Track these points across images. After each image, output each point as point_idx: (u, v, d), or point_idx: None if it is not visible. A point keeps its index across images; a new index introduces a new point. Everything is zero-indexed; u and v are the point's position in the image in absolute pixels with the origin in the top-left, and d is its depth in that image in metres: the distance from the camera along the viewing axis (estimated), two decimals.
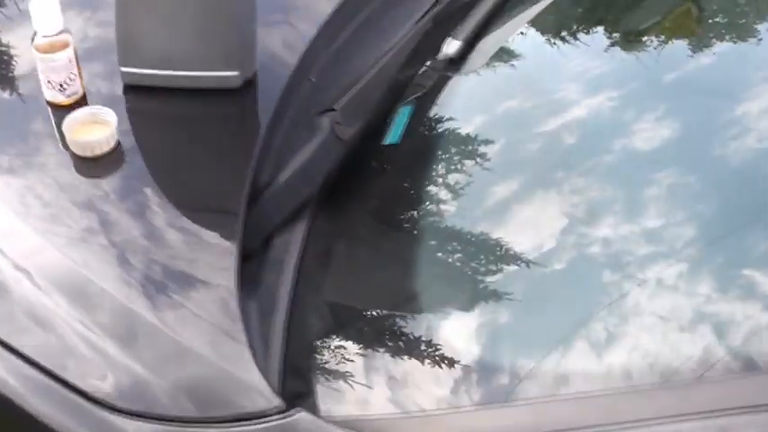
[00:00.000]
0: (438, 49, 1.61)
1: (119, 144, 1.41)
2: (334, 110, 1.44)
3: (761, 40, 1.53)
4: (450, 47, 1.60)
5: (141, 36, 1.45)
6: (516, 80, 1.55)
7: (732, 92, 1.41)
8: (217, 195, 1.37)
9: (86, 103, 1.48)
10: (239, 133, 1.48)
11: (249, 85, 1.50)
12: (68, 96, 1.46)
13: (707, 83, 1.47)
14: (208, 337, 1.16)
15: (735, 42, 1.58)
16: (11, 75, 1.57)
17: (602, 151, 1.37)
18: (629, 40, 1.59)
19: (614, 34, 1.62)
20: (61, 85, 1.44)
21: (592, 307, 1.17)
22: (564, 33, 1.64)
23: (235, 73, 1.47)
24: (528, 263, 1.23)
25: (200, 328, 1.17)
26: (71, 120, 1.40)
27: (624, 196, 1.30)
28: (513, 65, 1.60)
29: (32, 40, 1.44)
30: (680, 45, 1.58)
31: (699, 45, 1.58)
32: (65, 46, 1.43)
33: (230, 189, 1.34)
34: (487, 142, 1.44)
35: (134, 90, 1.50)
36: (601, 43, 1.60)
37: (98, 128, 1.40)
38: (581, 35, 1.64)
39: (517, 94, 1.52)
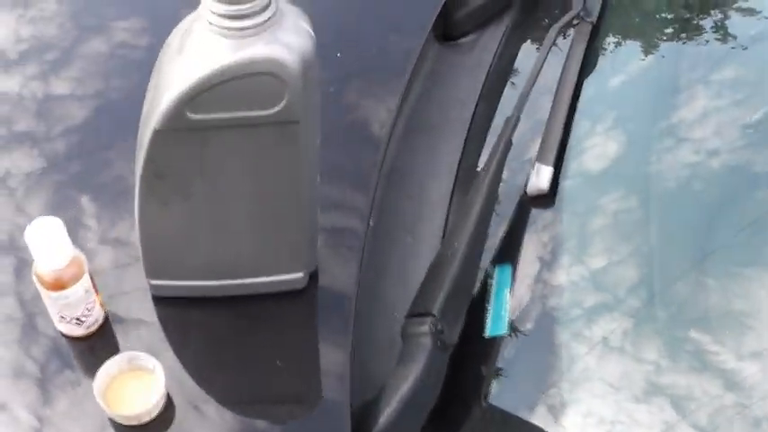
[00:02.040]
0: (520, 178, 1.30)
1: (168, 396, 1.09)
2: (432, 315, 1.14)
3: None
4: (541, 176, 1.28)
5: (178, 245, 1.11)
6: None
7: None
8: None
9: (108, 324, 1.14)
10: (316, 347, 1.18)
11: (310, 279, 1.18)
12: (87, 328, 1.13)
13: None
14: None
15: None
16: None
17: None
18: None
19: None
20: (78, 319, 1.11)
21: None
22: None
23: (299, 275, 1.15)
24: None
25: None
26: (104, 376, 1.08)
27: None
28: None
29: (33, 269, 1.09)
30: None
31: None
32: (78, 276, 1.08)
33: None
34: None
35: (167, 301, 1.17)
36: None
37: (139, 380, 1.09)
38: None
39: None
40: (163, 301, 1.16)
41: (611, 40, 1.49)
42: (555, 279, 1.20)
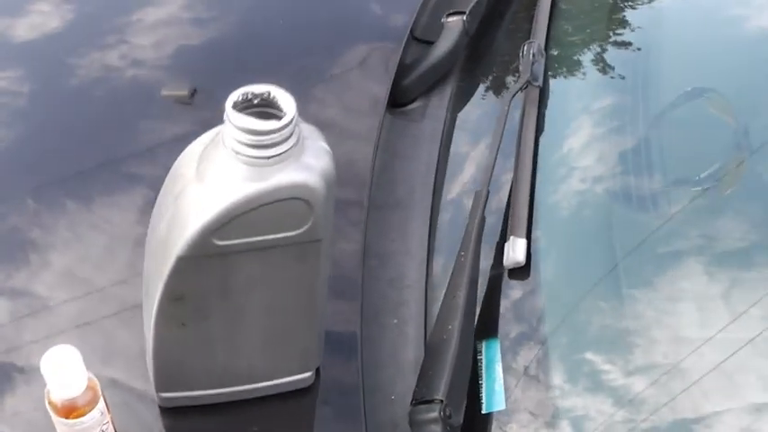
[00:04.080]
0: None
1: None
2: (440, 401, 1.16)
3: None
4: (516, 249, 1.32)
5: (191, 360, 1.11)
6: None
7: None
8: None
9: None
10: None
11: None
12: None
13: None
14: None
15: None
16: None
17: None
18: None
19: None
20: None
21: None
22: None
23: (307, 375, 1.16)
24: None
25: None
26: None
27: None
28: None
29: (46, 396, 1.07)
30: None
31: None
32: (94, 401, 1.07)
33: None
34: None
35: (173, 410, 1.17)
36: None
37: None
38: None
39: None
40: (168, 411, 1.16)
41: (555, 101, 1.54)
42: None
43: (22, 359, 1.17)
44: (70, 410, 1.06)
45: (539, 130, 1.45)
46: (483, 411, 1.22)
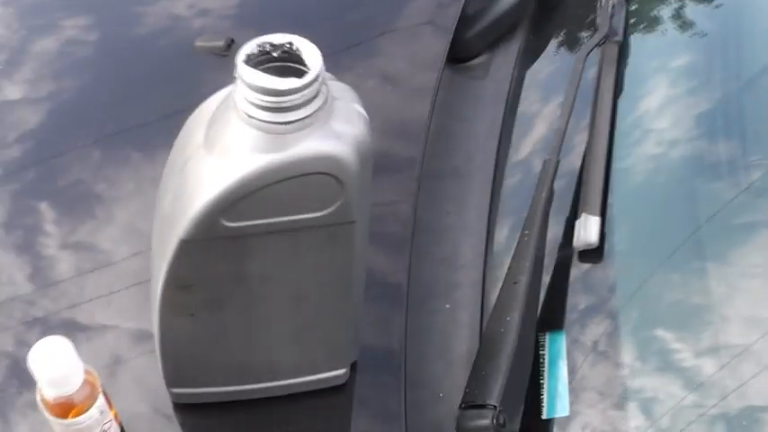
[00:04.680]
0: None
1: None
2: (493, 407, 1.01)
3: None
4: (589, 228, 1.15)
5: (205, 354, 0.97)
6: None
7: None
8: None
9: None
10: None
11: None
12: None
13: None
14: None
15: None
16: None
17: None
18: None
19: None
20: None
21: None
22: None
23: (341, 371, 1.01)
24: None
25: None
26: None
27: None
28: None
29: (38, 393, 0.94)
30: None
31: None
32: (92, 398, 0.93)
33: None
34: None
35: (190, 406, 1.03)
36: None
37: None
38: None
39: None
40: (185, 407, 1.02)
41: (635, 59, 1.36)
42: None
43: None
44: (66, 409, 0.93)
45: (617, 91, 1.28)
46: (543, 417, 1.06)
